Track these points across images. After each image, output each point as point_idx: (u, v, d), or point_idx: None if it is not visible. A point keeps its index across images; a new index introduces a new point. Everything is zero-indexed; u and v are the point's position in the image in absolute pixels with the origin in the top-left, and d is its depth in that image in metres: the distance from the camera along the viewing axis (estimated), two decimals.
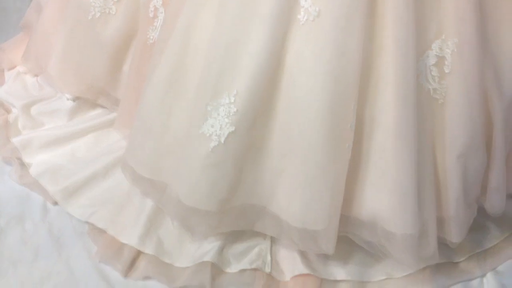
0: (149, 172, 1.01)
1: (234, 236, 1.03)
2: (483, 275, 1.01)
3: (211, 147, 0.91)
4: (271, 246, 1.03)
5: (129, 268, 0.99)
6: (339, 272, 0.99)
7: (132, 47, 1.15)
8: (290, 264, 1.01)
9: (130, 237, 1.02)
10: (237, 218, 0.99)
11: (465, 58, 0.85)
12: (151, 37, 1.05)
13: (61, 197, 1.10)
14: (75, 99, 1.27)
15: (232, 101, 0.89)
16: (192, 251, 1.02)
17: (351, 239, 0.99)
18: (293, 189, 0.92)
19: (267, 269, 1.00)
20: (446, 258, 1.01)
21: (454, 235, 0.93)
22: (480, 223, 1.07)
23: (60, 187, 1.11)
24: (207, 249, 1.00)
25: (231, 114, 0.90)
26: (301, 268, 0.99)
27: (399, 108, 0.84)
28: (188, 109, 0.93)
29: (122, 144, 1.16)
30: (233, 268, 1.00)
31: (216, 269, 0.99)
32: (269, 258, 1.01)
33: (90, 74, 1.19)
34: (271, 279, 0.99)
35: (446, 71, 0.86)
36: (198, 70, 0.92)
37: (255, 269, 0.99)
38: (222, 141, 0.90)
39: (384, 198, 0.90)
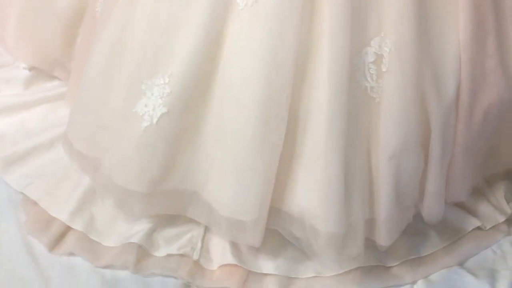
0: (86, 147, 1.00)
1: (168, 220, 1.02)
2: (414, 282, 0.99)
3: (143, 127, 0.89)
4: (204, 234, 1.02)
5: (56, 242, 0.98)
6: (267, 265, 0.98)
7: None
8: (220, 253, 0.99)
9: (61, 212, 1.00)
10: (170, 201, 0.97)
11: (402, 57, 0.82)
12: (99, 10, 1.03)
13: (1, 164, 1.09)
14: (31, 68, 1.26)
15: (167, 81, 0.87)
16: (123, 232, 1.00)
17: None
18: (224, 177, 0.91)
19: (195, 256, 0.98)
20: (378, 262, 0.99)
21: (384, 239, 0.91)
22: (421, 229, 1.05)
23: (2, 155, 1.10)
24: (137, 230, 0.99)
25: (164, 95, 0.88)
26: (230, 258, 0.97)
27: (331, 104, 0.82)
28: (125, 86, 0.92)
29: None
30: (161, 252, 0.98)
31: (143, 251, 0.97)
32: (199, 245, 1.00)
33: (45, 44, 1.18)
34: (197, 266, 0.97)
35: (383, 69, 0.83)
36: (137, 47, 0.90)
37: (182, 255, 0.98)
38: (154, 122, 0.89)
39: (313, 194, 0.88)
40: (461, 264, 1.03)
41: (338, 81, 0.81)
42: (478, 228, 1.07)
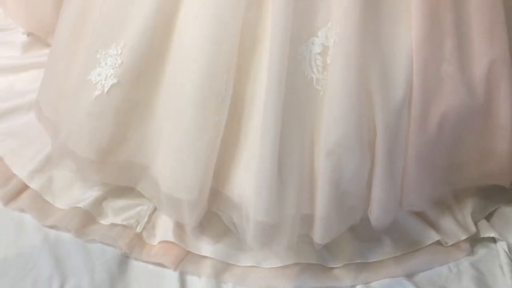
0: (51, 112, 1.04)
1: (121, 191, 1.03)
2: (353, 286, 0.96)
3: (95, 95, 0.91)
4: (154, 210, 1.03)
5: (11, 198, 1.02)
6: (207, 248, 0.97)
7: None
8: (163, 230, 1.00)
9: (22, 170, 1.05)
10: (122, 173, 0.99)
11: (346, 50, 0.80)
12: None
13: None
14: (29, 34, 1.32)
15: (119, 52, 0.89)
16: (75, 196, 1.03)
17: None
18: (168, 153, 0.91)
19: (138, 229, 0.99)
20: (320, 261, 0.97)
21: (319, 236, 0.89)
22: (375, 235, 1.01)
23: None
24: (87, 196, 1.02)
25: (116, 65, 0.89)
26: (171, 236, 0.98)
27: (269, 93, 0.81)
28: (84, 54, 0.94)
29: None
30: (107, 221, 1.00)
31: (90, 217, 1.00)
32: (145, 219, 1.01)
33: (38, 11, 1.23)
34: (139, 239, 0.99)
35: (328, 61, 0.81)
36: (96, 16, 0.92)
37: (125, 226, 0.99)
38: (105, 91, 0.91)
39: (250, 180, 0.87)
40: (409, 276, 0.98)
41: (276, 68, 0.80)
42: (439, 243, 1.02)
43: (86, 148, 0.95)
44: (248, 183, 0.88)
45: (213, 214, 0.99)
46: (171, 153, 0.90)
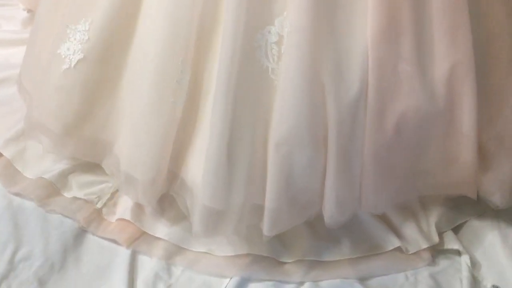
0: (28, 83, 1.07)
1: (89, 167, 1.05)
2: (301, 283, 0.94)
3: (63, 69, 0.94)
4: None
5: None
6: (163, 230, 0.98)
7: None
8: (123, 208, 1.01)
9: None
10: (87, 148, 1.01)
11: (298, 41, 0.78)
12: None
13: None
14: (29, 10, 1.36)
15: (87, 29, 0.91)
16: (45, 167, 1.05)
17: None
18: (127, 132, 0.93)
19: (99, 205, 1.01)
20: (273, 254, 0.96)
21: (266, 228, 0.88)
22: (334, 235, 0.99)
23: None
24: (55, 168, 1.04)
25: (84, 41, 0.92)
26: (128, 215, 0.99)
27: (219, 80, 0.81)
28: (57, 29, 0.97)
29: None
30: (70, 194, 1.02)
31: (54, 189, 1.02)
32: (108, 196, 1.03)
33: None
34: (97, 214, 1.00)
35: (282, 51, 0.80)
36: None
37: (86, 201, 1.01)
38: (72, 66, 0.93)
39: (202, 164, 0.87)
40: (362, 280, 0.96)
41: (227, 55, 0.80)
42: (400, 249, 1.00)
43: (53, 121, 0.97)
44: (200, 167, 0.88)
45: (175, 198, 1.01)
46: (130, 132, 0.91)
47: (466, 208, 1.04)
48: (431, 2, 0.80)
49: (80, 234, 0.98)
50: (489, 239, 1.01)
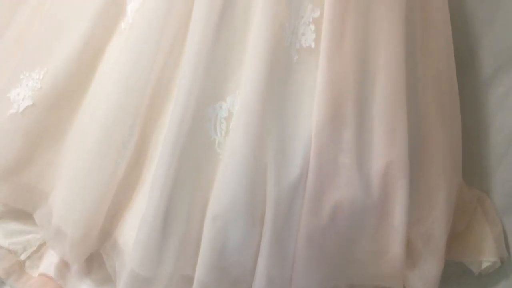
0: None
1: (18, 214, 1.01)
2: None
3: (9, 113, 0.92)
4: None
5: None
6: None
7: None
8: (48, 263, 0.97)
9: None
10: (22, 195, 0.97)
11: (245, 120, 0.81)
12: None
13: None
14: None
15: (41, 77, 0.91)
16: None
17: None
18: (64, 184, 0.91)
19: (23, 257, 0.97)
20: None
21: None
22: None
23: None
24: None
25: (35, 89, 0.91)
26: (52, 271, 0.95)
27: (164, 147, 0.82)
28: (12, 70, 0.96)
29: None
30: None
31: None
32: (34, 248, 0.99)
33: None
34: (19, 266, 0.96)
35: (230, 127, 0.83)
36: (30, 37, 0.95)
37: (10, 251, 0.96)
38: (19, 111, 0.92)
39: (135, 229, 0.86)
40: None
41: (177, 122, 0.81)
42: None
43: None
44: (135, 230, 0.87)
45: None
46: (67, 185, 0.90)
47: None
48: (373, 103, 0.85)
49: None
50: None
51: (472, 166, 1.03)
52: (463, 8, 1.01)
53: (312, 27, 0.83)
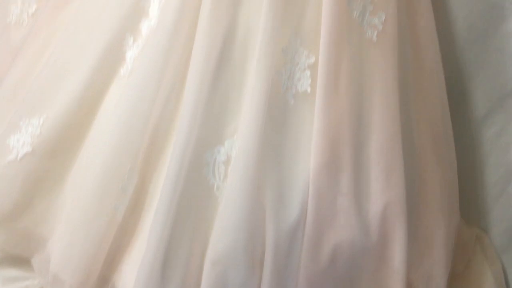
0: None
1: (16, 260, 1.00)
2: None
3: (8, 160, 0.93)
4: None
5: None
6: None
7: None
8: None
9: None
10: (20, 241, 0.96)
11: (243, 164, 0.82)
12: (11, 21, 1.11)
13: None
14: None
15: (41, 123, 0.92)
16: None
17: None
18: (62, 230, 0.91)
19: None
20: None
21: None
22: None
23: None
24: None
25: (35, 135, 0.92)
26: None
27: (163, 191, 0.82)
28: (11, 117, 0.97)
29: None
30: None
31: None
32: None
33: None
34: None
35: (228, 171, 0.84)
36: (31, 83, 0.96)
37: None
38: (18, 158, 0.92)
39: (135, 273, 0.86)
40: None
41: (176, 167, 0.82)
42: None
43: None
44: (134, 275, 0.87)
45: None
46: (65, 230, 0.89)
47: None
48: (369, 145, 0.86)
49: None
50: None
51: (469, 205, 1.04)
52: (453, 50, 1.03)
53: (308, 72, 0.85)
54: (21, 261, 1.00)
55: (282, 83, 0.85)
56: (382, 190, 0.85)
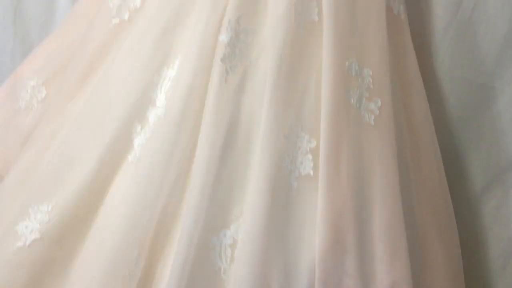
0: None
1: None
2: None
3: (16, 247, 0.94)
4: None
5: None
6: None
7: None
8: None
9: None
10: None
11: (249, 247, 0.83)
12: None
13: None
14: None
15: (49, 210, 0.94)
16: None
17: None
18: None
19: None
20: None
21: None
22: None
23: None
24: None
25: (44, 222, 0.93)
26: None
27: (172, 277, 0.83)
28: (19, 205, 0.98)
29: None
30: None
31: None
32: None
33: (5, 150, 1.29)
34: None
35: (235, 254, 0.85)
36: (39, 171, 0.98)
37: None
38: (27, 245, 0.93)
39: None
40: None
41: (183, 253, 0.83)
42: None
43: None
44: None
45: None
46: None
47: None
48: (372, 225, 0.87)
49: None
50: None
51: (473, 280, 1.04)
52: (449, 129, 1.07)
53: (310, 156, 0.88)
54: None
55: (285, 167, 0.87)
56: (388, 270, 0.86)
